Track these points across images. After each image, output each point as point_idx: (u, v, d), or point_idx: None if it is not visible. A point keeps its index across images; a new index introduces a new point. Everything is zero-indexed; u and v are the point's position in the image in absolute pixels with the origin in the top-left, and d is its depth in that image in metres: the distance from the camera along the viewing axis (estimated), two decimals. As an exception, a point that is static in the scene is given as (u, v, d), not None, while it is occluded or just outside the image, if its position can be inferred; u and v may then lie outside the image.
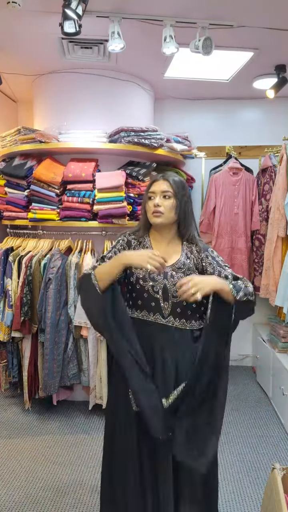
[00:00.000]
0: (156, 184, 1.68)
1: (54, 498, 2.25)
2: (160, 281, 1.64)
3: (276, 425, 3.05)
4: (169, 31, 2.50)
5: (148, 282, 1.64)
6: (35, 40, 2.84)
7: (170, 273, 1.64)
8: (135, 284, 1.67)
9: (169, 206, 1.64)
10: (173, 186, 1.66)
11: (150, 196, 1.68)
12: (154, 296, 1.64)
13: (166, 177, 1.68)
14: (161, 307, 1.64)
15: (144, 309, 1.66)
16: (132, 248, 1.72)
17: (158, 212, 1.63)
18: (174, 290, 1.61)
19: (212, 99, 4.05)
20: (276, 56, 3.11)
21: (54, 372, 2.92)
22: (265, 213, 3.67)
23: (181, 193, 1.67)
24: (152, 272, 1.58)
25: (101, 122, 3.30)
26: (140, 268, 1.57)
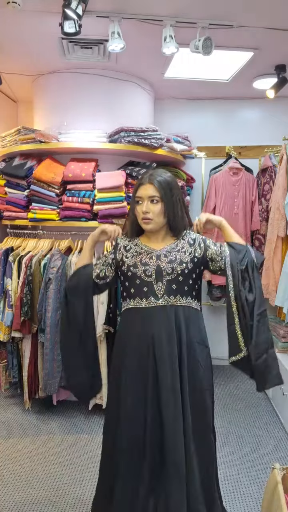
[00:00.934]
0: (142, 188, 1.66)
1: (54, 498, 2.25)
2: (152, 264, 1.66)
3: (276, 425, 3.05)
4: (169, 31, 2.50)
5: (139, 268, 1.66)
6: (35, 40, 2.84)
7: (163, 254, 1.67)
8: (127, 272, 1.69)
9: (157, 211, 1.64)
10: (159, 190, 1.63)
11: (137, 200, 1.67)
12: (147, 280, 1.65)
13: (151, 180, 1.65)
14: (154, 289, 1.64)
15: (136, 297, 1.67)
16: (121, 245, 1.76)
17: (147, 219, 1.64)
18: (168, 268, 1.64)
19: (212, 99, 4.05)
20: (276, 56, 3.11)
21: (54, 372, 2.92)
22: (265, 213, 3.67)
23: (168, 195, 1.65)
24: (112, 237, 1.76)
25: (101, 122, 3.30)
26: (106, 235, 1.76)
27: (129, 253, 1.72)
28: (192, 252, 1.70)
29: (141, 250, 1.71)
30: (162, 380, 1.60)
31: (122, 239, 1.79)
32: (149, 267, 1.65)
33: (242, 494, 2.29)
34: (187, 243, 1.71)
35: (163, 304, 1.64)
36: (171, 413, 1.59)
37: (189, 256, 1.68)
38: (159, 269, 1.64)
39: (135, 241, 1.75)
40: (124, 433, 1.65)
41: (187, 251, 1.69)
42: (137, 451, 1.62)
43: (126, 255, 1.72)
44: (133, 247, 1.73)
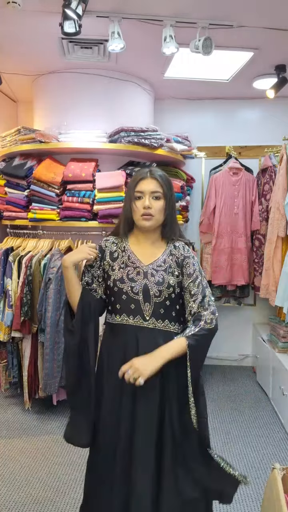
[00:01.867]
0: (144, 182, 1.55)
1: (54, 498, 2.25)
2: (139, 281, 1.55)
3: (276, 425, 3.05)
4: (169, 31, 2.50)
5: (127, 284, 1.55)
6: (35, 40, 2.84)
7: (150, 272, 1.56)
8: (113, 287, 1.58)
9: (159, 207, 1.55)
10: (163, 186, 1.55)
11: (138, 196, 1.55)
12: (134, 298, 1.54)
13: (154, 174, 1.56)
14: (141, 308, 1.54)
15: (123, 313, 1.56)
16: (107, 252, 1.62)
17: (149, 215, 1.53)
18: (156, 290, 1.53)
19: (212, 99, 4.05)
20: (276, 56, 3.11)
21: (54, 372, 2.92)
22: (265, 213, 3.67)
23: (169, 192, 1.58)
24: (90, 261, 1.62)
25: (101, 122, 3.30)
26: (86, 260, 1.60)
27: (115, 264, 1.59)
28: (179, 274, 1.58)
29: (128, 261, 1.58)
30: (138, 418, 1.51)
31: (108, 241, 1.65)
32: (136, 285, 1.55)
33: (242, 494, 2.29)
34: (175, 261, 1.59)
35: (151, 327, 1.55)
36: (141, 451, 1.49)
37: (176, 278, 1.57)
38: (146, 289, 1.54)
39: (123, 244, 1.62)
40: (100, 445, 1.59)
41: (174, 273, 1.57)
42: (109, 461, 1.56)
43: (112, 266, 1.59)
44: (120, 253, 1.61)
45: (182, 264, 1.58)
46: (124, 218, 1.61)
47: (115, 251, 1.62)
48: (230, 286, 3.90)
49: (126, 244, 1.63)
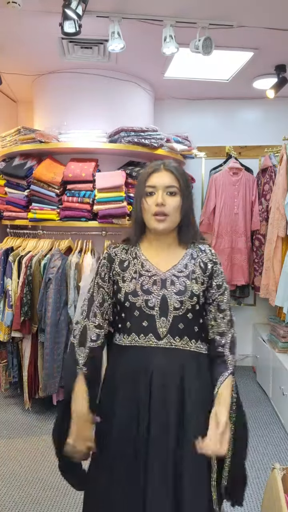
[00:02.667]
0: (158, 175, 1.31)
1: (54, 498, 2.25)
2: (156, 293, 1.30)
3: (276, 425, 3.05)
4: (169, 31, 2.50)
5: (140, 297, 1.31)
6: (35, 40, 2.84)
7: (170, 279, 1.32)
8: (124, 302, 1.33)
9: (175, 205, 1.30)
10: (179, 179, 1.32)
11: (149, 191, 1.31)
12: (148, 313, 1.30)
13: (168, 166, 1.33)
14: (155, 325, 1.30)
15: (132, 332, 1.32)
16: (116, 262, 1.37)
17: (163, 214, 1.29)
18: (176, 301, 1.29)
19: (212, 99, 4.05)
20: (276, 56, 3.11)
21: (54, 372, 2.92)
22: (265, 213, 3.67)
23: (186, 187, 1.34)
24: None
25: (101, 122, 3.30)
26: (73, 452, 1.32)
27: (126, 274, 1.35)
28: (206, 281, 1.34)
29: (142, 270, 1.34)
30: (153, 461, 1.26)
31: (118, 248, 1.41)
32: (152, 297, 1.30)
33: (242, 494, 2.29)
34: (200, 266, 1.35)
35: (166, 347, 1.30)
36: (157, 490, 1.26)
37: (201, 286, 1.33)
38: (164, 301, 1.29)
39: (134, 251, 1.38)
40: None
41: (199, 278, 1.33)
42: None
43: (123, 277, 1.35)
44: (131, 261, 1.36)
45: (211, 272, 1.35)
46: (135, 220, 1.38)
47: (125, 259, 1.37)
48: (230, 286, 3.90)
49: (138, 249, 1.38)
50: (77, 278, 2.94)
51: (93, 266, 2.95)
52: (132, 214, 1.42)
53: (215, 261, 1.37)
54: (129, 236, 1.41)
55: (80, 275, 2.93)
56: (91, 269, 2.92)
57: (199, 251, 1.38)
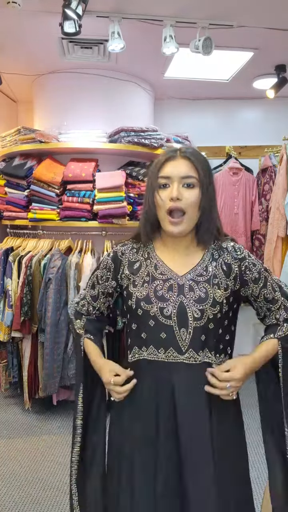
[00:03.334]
0: (173, 164, 1.12)
1: (54, 498, 2.25)
2: (172, 299, 1.13)
3: (276, 425, 3.05)
4: (169, 31, 2.50)
5: (154, 304, 1.14)
6: (35, 40, 2.84)
7: (188, 285, 1.15)
8: (136, 310, 1.16)
9: (193, 199, 1.11)
10: (198, 169, 1.11)
11: (163, 183, 1.12)
12: (165, 323, 1.13)
13: (186, 153, 1.13)
14: (175, 337, 1.13)
15: (150, 345, 1.15)
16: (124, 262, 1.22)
17: (178, 210, 1.10)
18: (196, 310, 1.12)
19: (212, 99, 4.05)
20: (276, 56, 3.12)
21: (54, 372, 2.92)
22: (265, 213, 3.67)
23: (208, 177, 1.14)
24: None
25: (101, 122, 3.30)
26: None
27: (137, 277, 1.18)
28: (230, 285, 1.17)
29: (156, 272, 1.17)
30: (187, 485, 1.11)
31: (126, 246, 1.25)
32: (168, 304, 1.13)
33: (242, 494, 2.29)
34: (222, 268, 1.17)
35: (189, 363, 1.13)
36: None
37: (224, 293, 1.15)
38: (182, 309, 1.12)
39: (146, 250, 1.21)
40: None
41: (222, 282, 1.15)
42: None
43: (133, 281, 1.19)
44: (143, 262, 1.20)
45: (239, 272, 1.18)
46: (145, 216, 1.19)
47: (136, 260, 1.21)
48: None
49: (151, 249, 1.22)
50: (77, 278, 2.94)
51: (93, 266, 2.95)
52: (142, 209, 1.22)
53: (240, 257, 1.18)
54: (139, 233, 1.23)
55: (80, 275, 2.93)
56: (91, 269, 2.92)
57: (221, 250, 1.19)
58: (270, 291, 1.20)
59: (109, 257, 1.25)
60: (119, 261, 1.23)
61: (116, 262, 1.23)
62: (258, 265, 1.20)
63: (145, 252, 1.22)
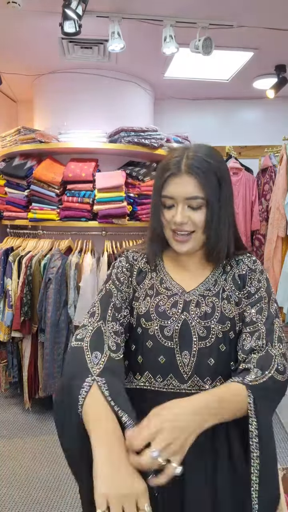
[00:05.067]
0: (176, 182, 0.96)
1: (54, 498, 2.25)
2: (175, 317, 0.98)
3: (276, 425, 3.05)
4: (169, 31, 2.50)
5: (154, 322, 0.99)
6: (35, 40, 2.84)
7: (195, 301, 1.01)
8: (136, 328, 1.02)
9: (200, 221, 0.97)
10: (205, 186, 0.95)
11: (167, 203, 0.99)
12: (164, 345, 0.98)
13: (192, 168, 0.94)
14: (176, 362, 0.97)
15: (146, 370, 0.99)
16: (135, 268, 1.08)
17: (185, 232, 0.98)
18: (201, 328, 0.97)
19: (212, 99, 4.05)
20: (276, 56, 3.12)
21: (54, 372, 2.92)
22: (265, 213, 3.67)
23: (220, 193, 0.97)
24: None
25: (101, 122, 3.30)
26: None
27: (140, 289, 1.05)
28: (242, 300, 1.02)
29: (160, 287, 1.04)
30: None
31: (136, 253, 1.11)
32: (169, 322, 0.98)
33: (242, 494, 2.29)
34: (233, 279, 1.04)
35: (193, 392, 0.93)
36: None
37: (236, 307, 1.00)
38: (185, 328, 0.97)
39: (155, 262, 1.09)
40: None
41: (233, 296, 1.02)
42: None
43: (135, 292, 1.05)
44: (149, 273, 1.07)
45: (247, 281, 1.03)
46: (151, 238, 1.07)
47: (144, 269, 1.08)
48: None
49: (159, 261, 1.09)
50: (77, 278, 2.94)
51: (93, 266, 2.95)
52: (149, 224, 1.08)
53: (253, 268, 1.05)
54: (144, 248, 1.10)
55: (80, 275, 2.93)
56: (91, 269, 2.92)
57: (235, 262, 1.06)
58: (256, 313, 0.99)
59: (124, 261, 1.09)
60: (131, 265, 1.08)
61: (131, 265, 1.08)
62: (262, 283, 1.03)
63: (153, 264, 1.08)
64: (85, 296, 2.89)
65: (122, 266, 1.08)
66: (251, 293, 1.01)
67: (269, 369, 0.91)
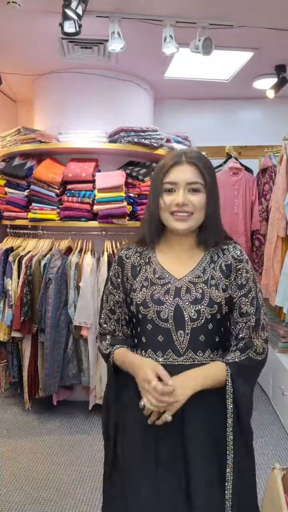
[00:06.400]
0: (178, 169, 1.15)
1: (54, 498, 2.25)
2: (168, 303, 1.16)
3: (276, 425, 3.05)
4: (169, 31, 2.50)
5: (151, 308, 1.17)
6: (35, 40, 2.84)
7: (185, 287, 1.18)
8: (137, 314, 1.21)
9: (199, 203, 1.15)
10: (205, 174, 1.15)
11: (169, 188, 1.15)
12: (162, 326, 1.16)
13: (192, 158, 1.15)
14: (173, 340, 1.16)
15: (149, 348, 1.19)
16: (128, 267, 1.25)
17: (185, 213, 1.15)
18: (192, 311, 1.15)
19: (212, 99, 4.05)
20: (276, 56, 3.12)
21: (54, 372, 2.92)
22: (265, 213, 3.67)
23: (213, 182, 1.18)
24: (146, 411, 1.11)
25: (101, 122, 3.30)
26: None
27: (136, 281, 1.22)
28: (228, 285, 1.19)
29: (154, 277, 1.20)
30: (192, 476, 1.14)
31: (130, 250, 1.27)
32: (164, 308, 1.16)
33: (242, 494, 2.29)
34: (220, 268, 1.20)
35: (188, 363, 1.16)
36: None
37: (223, 293, 1.18)
38: (178, 312, 1.15)
39: (148, 255, 1.24)
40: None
41: (219, 285, 1.18)
42: None
43: (133, 286, 1.22)
44: (143, 267, 1.23)
45: (233, 270, 1.20)
46: (149, 220, 1.22)
47: (137, 264, 1.25)
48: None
49: (152, 254, 1.25)
50: (77, 278, 2.94)
51: (93, 266, 2.95)
52: (145, 212, 1.25)
53: (240, 258, 1.21)
54: (144, 236, 1.24)
55: (80, 275, 2.93)
56: (91, 269, 2.92)
57: (222, 252, 1.23)
58: (246, 303, 1.19)
59: (116, 264, 1.29)
60: (123, 264, 1.26)
61: (121, 266, 1.27)
62: (250, 274, 1.21)
63: (146, 257, 1.25)
64: (85, 296, 2.89)
65: (114, 271, 1.28)
66: (242, 284, 1.19)
67: (248, 352, 1.17)
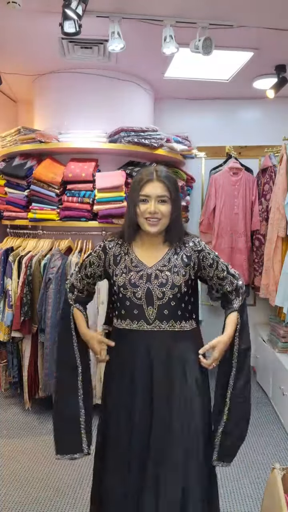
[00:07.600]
0: (151, 186, 1.52)
1: (54, 498, 2.25)
2: (142, 286, 1.54)
3: (276, 425, 3.05)
4: (169, 31, 2.50)
5: (129, 290, 1.55)
6: (35, 40, 2.84)
7: (154, 274, 1.55)
8: (118, 293, 1.58)
9: (166, 212, 1.53)
10: (170, 190, 1.54)
11: (143, 199, 1.53)
12: (137, 303, 1.55)
13: (161, 177, 1.53)
14: (144, 313, 1.55)
15: (127, 318, 1.58)
16: (110, 255, 1.62)
17: (155, 219, 1.52)
18: (159, 292, 1.53)
19: (212, 99, 4.05)
20: (276, 56, 3.11)
21: (54, 372, 2.92)
22: (265, 213, 3.67)
23: (176, 195, 1.56)
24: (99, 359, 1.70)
25: (101, 122, 3.30)
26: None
27: (117, 268, 1.59)
28: (187, 272, 1.57)
29: (131, 265, 1.57)
30: (155, 418, 1.55)
31: (112, 242, 1.64)
32: (138, 289, 1.54)
33: (242, 494, 2.30)
34: (181, 259, 1.58)
35: (155, 330, 1.55)
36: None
37: (182, 278, 1.56)
38: (149, 293, 1.54)
39: (127, 247, 1.62)
40: (112, 422, 1.65)
41: (181, 271, 1.56)
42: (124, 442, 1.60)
43: (115, 271, 1.59)
44: (123, 257, 1.60)
45: (198, 261, 1.59)
46: (129, 222, 1.59)
47: (118, 254, 1.61)
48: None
49: (129, 246, 1.61)
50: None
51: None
52: (125, 215, 1.63)
53: (199, 249, 1.60)
54: (123, 233, 1.62)
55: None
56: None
57: (183, 245, 1.60)
58: (221, 271, 1.63)
59: (100, 248, 1.65)
60: (106, 253, 1.63)
61: (104, 253, 1.63)
62: (212, 254, 1.62)
63: (125, 248, 1.62)
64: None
65: (97, 253, 1.65)
66: (211, 264, 1.61)
67: (240, 295, 1.65)
